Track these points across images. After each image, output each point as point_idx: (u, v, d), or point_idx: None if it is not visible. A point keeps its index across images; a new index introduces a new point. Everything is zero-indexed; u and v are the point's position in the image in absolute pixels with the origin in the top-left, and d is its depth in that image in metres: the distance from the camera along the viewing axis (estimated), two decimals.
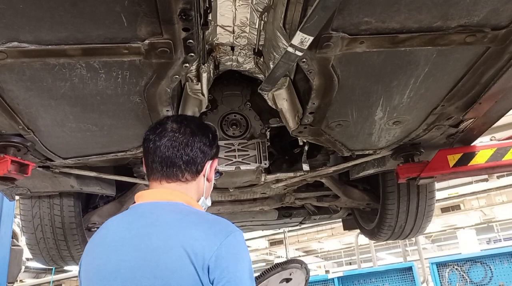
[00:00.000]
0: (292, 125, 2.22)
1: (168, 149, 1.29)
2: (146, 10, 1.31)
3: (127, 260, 1.12)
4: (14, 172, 2.07)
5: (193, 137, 1.33)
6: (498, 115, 2.24)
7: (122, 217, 1.27)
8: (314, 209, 4.18)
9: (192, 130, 1.34)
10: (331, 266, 21.00)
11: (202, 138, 1.35)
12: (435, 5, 1.39)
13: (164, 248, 1.10)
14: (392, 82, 1.83)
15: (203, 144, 1.34)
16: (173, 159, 1.28)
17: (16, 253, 4.92)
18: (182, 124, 1.35)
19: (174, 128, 1.33)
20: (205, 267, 1.07)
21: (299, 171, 2.94)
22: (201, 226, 1.15)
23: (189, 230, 1.13)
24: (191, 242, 1.09)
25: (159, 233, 1.14)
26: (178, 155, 1.29)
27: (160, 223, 1.16)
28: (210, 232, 1.13)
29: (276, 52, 1.74)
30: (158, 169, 1.29)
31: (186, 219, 1.17)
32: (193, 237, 1.11)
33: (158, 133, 1.32)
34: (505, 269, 5.62)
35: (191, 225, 1.15)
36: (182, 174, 1.29)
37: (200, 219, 1.19)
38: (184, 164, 1.29)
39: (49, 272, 13.48)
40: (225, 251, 1.10)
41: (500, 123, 2.84)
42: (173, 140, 1.30)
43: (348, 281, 6.74)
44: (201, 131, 1.36)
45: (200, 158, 1.32)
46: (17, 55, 1.44)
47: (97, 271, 1.16)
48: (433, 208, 3.45)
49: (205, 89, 2.11)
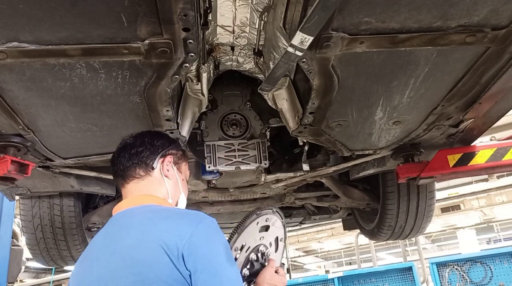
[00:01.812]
0: (292, 125, 2.22)
1: (119, 154, 1.44)
2: (146, 10, 1.31)
3: (105, 266, 1.16)
4: (14, 172, 2.07)
5: (139, 139, 1.46)
6: (498, 115, 2.24)
7: (103, 230, 1.33)
8: (314, 209, 4.19)
9: (139, 136, 1.47)
10: (331, 266, 21.01)
11: (147, 138, 1.46)
12: (435, 5, 1.39)
13: (138, 245, 1.13)
14: (392, 82, 1.83)
15: (148, 143, 1.44)
16: (123, 160, 1.41)
17: (16, 253, 4.92)
18: (138, 133, 1.49)
19: (127, 138, 1.48)
20: (179, 257, 1.08)
21: (299, 171, 2.94)
22: (172, 219, 1.20)
23: (160, 224, 1.17)
24: (163, 235, 1.12)
25: (132, 232, 1.18)
26: (126, 155, 1.41)
27: (133, 224, 1.21)
28: (181, 222, 1.17)
29: (276, 52, 1.74)
30: (117, 174, 1.42)
31: (158, 215, 1.23)
32: (165, 230, 1.14)
33: (117, 146, 1.48)
34: (505, 269, 5.62)
35: (162, 219, 1.19)
36: (134, 170, 1.39)
37: (170, 213, 1.26)
38: (132, 162, 1.40)
39: (49, 272, 13.48)
40: (197, 238, 1.12)
41: (500, 123, 2.84)
42: (124, 146, 1.45)
43: (348, 281, 6.74)
44: (149, 135, 1.49)
45: (147, 155, 1.41)
46: (17, 55, 1.44)
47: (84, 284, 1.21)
48: (433, 208, 3.45)
49: (205, 89, 2.11)
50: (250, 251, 1.48)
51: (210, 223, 1.19)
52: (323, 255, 21.33)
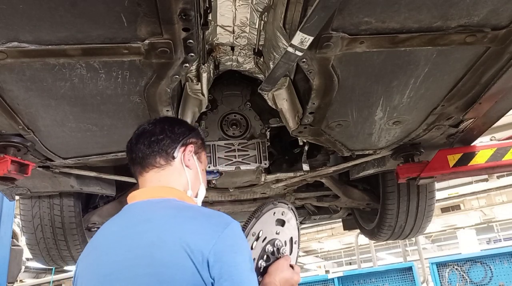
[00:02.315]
0: (292, 125, 2.22)
1: (137, 141, 1.35)
2: (146, 10, 1.31)
3: (120, 261, 1.10)
4: (14, 172, 2.07)
5: (159, 126, 1.37)
6: (498, 115, 2.24)
7: (114, 219, 1.26)
8: (314, 209, 4.19)
9: (160, 122, 1.40)
10: (331, 266, 21.00)
11: (169, 126, 1.38)
12: (435, 5, 1.39)
13: (159, 244, 1.07)
14: (392, 82, 1.83)
15: (169, 130, 1.36)
16: (142, 147, 1.32)
17: (16, 253, 4.92)
18: (155, 119, 1.42)
19: (146, 124, 1.39)
20: (204, 262, 1.03)
21: (299, 171, 2.94)
22: (197, 220, 1.13)
23: (184, 224, 1.11)
24: (187, 236, 1.06)
25: (153, 229, 1.11)
26: (145, 142, 1.33)
27: (154, 220, 1.14)
28: (207, 226, 1.10)
29: (276, 52, 1.74)
30: (135, 162, 1.34)
31: (181, 214, 1.16)
32: (189, 231, 1.08)
33: (134, 132, 1.39)
34: (505, 269, 5.62)
35: (186, 219, 1.13)
36: (154, 159, 1.31)
37: (195, 213, 1.18)
38: (152, 150, 1.32)
39: (49, 272, 13.49)
40: (223, 244, 1.07)
41: (500, 123, 2.84)
42: (142, 132, 1.36)
43: (348, 281, 6.74)
44: (169, 122, 1.41)
45: (167, 143, 1.34)
46: (17, 55, 1.43)
47: (93, 277, 1.14)
48: (433, 208, 3.45)
49: (205, 89, 2.11)
50: (266, 242, 1.41)
51: (236, 227, 1.13)
52: (323, 255, 21.33)
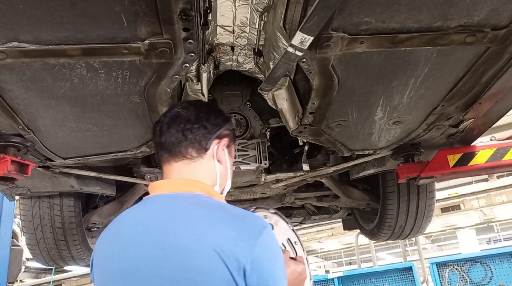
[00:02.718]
0: (292, 125, 2.22)
1: (169, 125, 1.25)
2: (146, 10, 1.31)
3: (148, 259, 1.03)
4: (14, 172, 2.07)
5: (196, 112, 1.27)
6: (498, 115, 2.24)
7: (138, 210, 1.18)
8: (314, 209, 4.19)
9: (196, 107, 1.29)
10: (331, 266, 21.00)
11: (206, 114, 1.28)
12: (435, 5, 1.39)
13: (192, 247, 1.00)
14: (392, 82, 1.83)
15: (205, 120, 1.27)
16: (175, 133, 1.23)
17: (16, 253, 4.92)
18: (188, 103, 1.32)
19: (179, 106, 1.30)
20: (240, 270, 0.98)
21: (299, 171, 2.94)
22: (231, 224, 1.05)
23: (218, 228, 1.03)
24: (221, 242, 1.00)
25: (184, 230, 1.04)
26: (178, 128, 1.24)
27: (184, 219, 1.07)
28: (242, 230, 1.03)
29: (276, 52, 1.74)
30: (164, 147, 1.25)
31: (214, 215, 1.08)
32: (224, 236, 1.01)
33: (165, 113, 1.30)
34: (505, 269, 5.63)
35: (219, 222, 1.05)
36: (186, 149, 1.23)
37: (228, 214, 1.09)
38: (186, 138, 1.23)
39: (49, 272, 13.49)
40: (260, 251, 1.01)
41: (500, 123, 2.84)
42: (176, 116, 1.27)
43: (348, 281, 6.74)
44: (206, 109, 1.31)
45: (202, 133, 1.25)
46: (17, 55, 1.43)
47: (115, 269, 1.08)
48: (433, 208, 3.45)
49: (205, 89, 2.10)
50: None
51: (270, 232, 1.07)
52: (323, 255, 21.33)
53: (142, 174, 2.91)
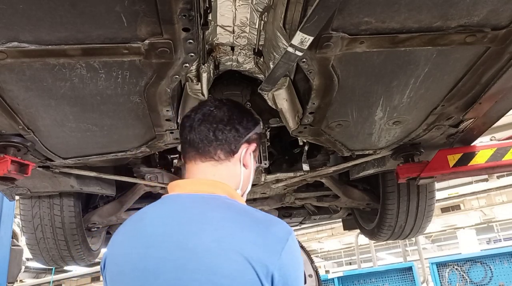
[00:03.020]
0: (292, 125, 2.22)
1: (201, 122, 1.24)
2: (146, 10, 1.31)
3: (171, 259, 1.01)
4: (14, 172, 2.07)
5: (229, 113, 1.26)
6: (498, 115, 2.24)
7: (158, 209, 1.15)
8: (314, 209, 4.19)
9: (229, 108, 1.28)
10: (331, 266, 21.00)
11: (239, 117, 1.28)
12: (435, 5, 1.39)
13: (219, 251, 0.99)
14: (392, 82, 1.83)
15: (238, 123, 1.26)
16: (206, 132, 1.22)
17: (16, 253, 4.92)
18: (221, 101, 1.31)
19: (211, 104, 1.28)
20: (269, 275, 0.98)
21: (299, 171, 2.94)
22: (258, 229, 1.04)
23: (245, 232, 1.03)
24: (248, 247, 1.00)
25: (209, 232, 1.03)
26: (210, 128, 1.23)
27: (208, 221, 1.05)
28: (269, 237, 1.03)
29: (276, 52, 1.74)
30: (192, 145, 1.23)
31: (239, 219, 1.07)
32: (251, 241, 1.01)
33: (196, 109, 1.28)
34: (505, 269, 5.63)
35: (245, 226, 1.05)
36: (215, 150, 1.22)
37: (253, 219, 1.08)
38: (216, 139, 1.22)
39: (49, 272, 13.49)
40: (287, 259, 1.02)
41: (500, 123, 2.84)
42: (208, 115, 1.25)
43: (348, 281, 6.75)
44: (238, 110, 1.30)
45: (234, 136, 1.25)
46: (17, 55, 1.43)
47: (135, 268, 1.05)
48: (433, 208, 3.45)
49: (205, 89, 2.10)
50: None
51: (294, 238, 1.08)
52: (323, 255, 21.33)
53: (142, 174, 2.91)
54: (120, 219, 3.53)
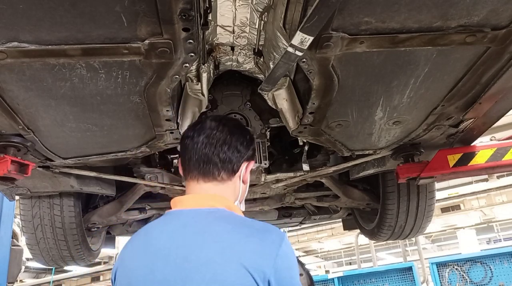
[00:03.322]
0: (292, 125, 2.22)
1: (205, 145, 1.30)
2: (146, 10, 1.31)
3: (177, 271, 1.10)
4: (14, 172, 2.07)
5: (230, 135, 1.34)
6: (498, 115, 2.24)
7: (163, 224, 1.24)
8: (314, 209, 4.18)
9: (230, 129, 1.36)
10: (331, 266, 21.02)
11: (239, 137, 1.36)
12: (435, 5, 1.39)
13: (220, 261, 1.08)
14: (392, 82, 1.83)
15: (239, 143, 1.35)
16: (210, 155, 1.29)
17: (16, 253, 4.92)
18: (221, 123, 1.37)
19: (213, 126, 1.34)
20: (265, 281, 1.07)
21: (299, 171, 2.94)
22: (255, 238, 1.14)
23: (243, 242, 1.13)
24: (247, 256, 1.09)
25: (211, 245, 1.12)
26: (215, 152, 1.30)
27: (210, 234, 1.14)
28: (265, 244, 1.13)
29: (276, 52, 1.74)
30: (195, 166, 1.30)
31: (238, 230, 1.16)
32: (249, 250, 1.11)
33: (197, 130, 1.34)
34: (505, 269, 5.63)
35: (244, 236, 1.14)
36: (218, 172, 1.30)
37: (250, 229, 1.18)
38: (220, 161, 1.30)
39: (49, 272, 13.50)
40: (282, 262, 1.11)
41: (500, 123, 2.84)
42: (211, 137, 1.31)
43: (348, 281, 6.75)
44: (239, 131, 1.38)
45: (236, 157, 1.33)
46: (17, 55, 1.43)
47: (144, 279, 1.13)
48: (433, 208, 3.45)
49: (205, 89, 2.10)
50: None
51: (287, 241, 1.17)
52: (323, 255, 21.34)
53: (142, 174, 2.91)
54: (120, 219, 3.53)
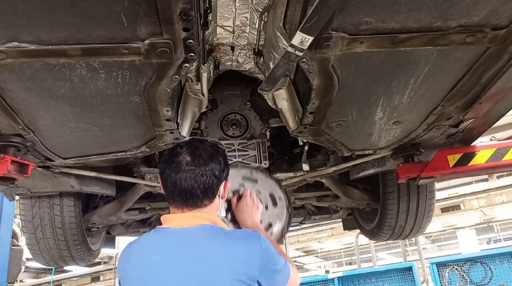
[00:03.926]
0: (292, 125, 2.22)
1: (185, 181, 1.42)
2: (146, 10, 1.31)
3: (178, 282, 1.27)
4: (14, 172, 2.07)
5: (206, 167, 1.46)
6: (498, 115, 2.24)
7: (157, 240, 1.40)
8: (314, 209, 4.18)
9: (205, 161, 1.47)
10: (331, 266, 21.00)
11: (215, 166, 1.48)
12: (435, 5, 1.39)
13: (213, 272, 1.27)
14: (392, 82, 1.83)
15: (217, 171, 1.48)
16: (191, 190, 1.42)
17: (16, 253, 4.92)
18: (195, 155, 1.47)
19: (189, 161, 1.45)
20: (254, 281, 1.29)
21: (299, 171, 2.94)
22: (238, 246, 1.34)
23: (231, 252, 1.32)
24: (237, 265, 1.29)
25: (205, 258, 1.30)
26: (195, 186, 1.42)
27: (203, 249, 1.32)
28: (248, 250, 1.33)
29: (276, 52, 1.74)
30: (178, 199, 1.44)
31: (223, 241, 1.35)
32: (237, 259, 1.30)
33: (174, 169, 1.45)
34: (505, 269, 5.62)
35: (230, 246, 1.33)
36: (200, 201, 1.44)
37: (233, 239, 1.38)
38: (201, 193, 1.43)
39: (49, 272, 13.51)
40: (265, 257, 1.33)
41: (500, 123, 2.84)
42: (190, 173, 1.43)
43: (348, 281, 6.74)
44: (213, 159, 1.49)
45: (215, 184, 1.46)
46: (17, 55, 1.43)
47: None
48: (433, 208, 3.45)
49: (205, 89, 2.11)
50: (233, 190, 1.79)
51: (262, 237, 1.38)
52: (323, 255, 21.33)
53: (142, 174, 2.91)
54: (120, 219, 3.53)
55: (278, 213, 1.99)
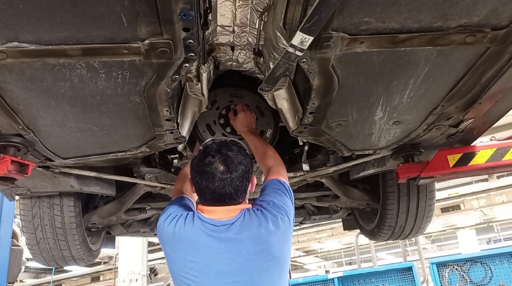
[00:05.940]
0: (292, 125, 2.22)
1: (223, 189, 1.68)
2: (146, 10, 1.31)
3: (231, 263, 1.60)
4: (14, 172, 2.07)
5: (238, 173, 1.70)
6: (498, 115, 2.24)
7: (204, 231, 1.66)
8: (314, 209, 4.18)
9: (236, 167, 1.70)
10: (331, 266, 21.03)
11: (245, 169, 1.73)
12: (435, 5, 1.39)
13: (261, 250, 1.64)
14: (392, 82, 1.83)
15: (247, 174, 1.73)
16: (230, 195, 1.69)
17: (16, 253, 4.92)
18: (227, 164, 1.70)
19: (223, 171, 1.68)
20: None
21: (299, 171, 2.94)
22: (268, 223, 1.67)
23: (264, 225, 1.66)
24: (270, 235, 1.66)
25: (250, 241, 1.63)
26: (232, 191, 1.69)
27: (246, 234, 1.64)
28: (270, 220, 1.67)
29: (276, 52, 1.74)
30: (215, 201, 1.71)
31: (259, 220, 1.67)
32: (270, 231, 1.66)
33: (211, 180, 1.68)
34: (505, 269, 5.63)
35: (263, 224, 1.66)
36: (236, 201, 1.72)
37: (264, 215, 1.69)
38: (236, 194, 1.70)
39: (49, 272, 13.51)
40: (281, 229, 1.70)
41: (500, 123, 2.84)
42: (226, 182, 1.68)
43: (348, 281, 6.75)
44: (242, 163, 1.73)
45: (246, 184, 1.75)
46: (17, 55, 1.43)
47: (200, 272, 1.61)
48: (433, 208, 3.45)
49: (205, 89, 2.10)
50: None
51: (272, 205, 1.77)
52: (323, 255, 21.35)
53: (142, 174, 2.91)
54: (120, 219, 3.53)
55: (268, 121, 2.37)
